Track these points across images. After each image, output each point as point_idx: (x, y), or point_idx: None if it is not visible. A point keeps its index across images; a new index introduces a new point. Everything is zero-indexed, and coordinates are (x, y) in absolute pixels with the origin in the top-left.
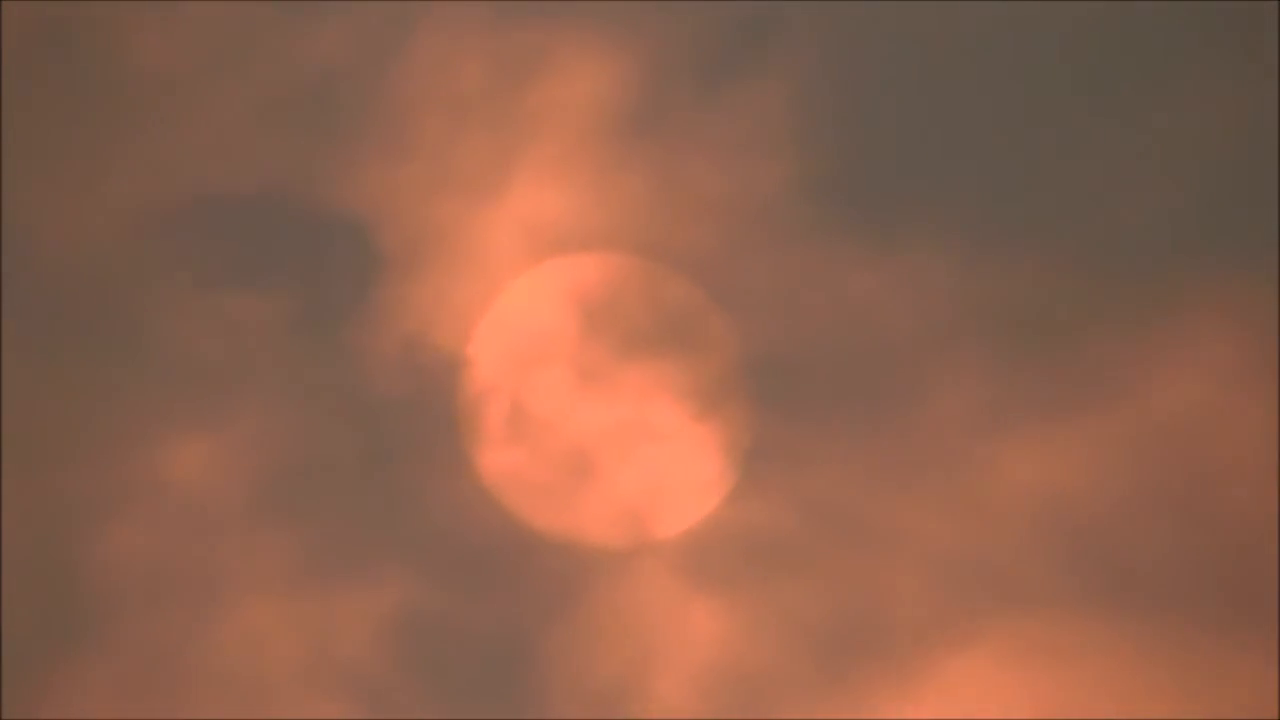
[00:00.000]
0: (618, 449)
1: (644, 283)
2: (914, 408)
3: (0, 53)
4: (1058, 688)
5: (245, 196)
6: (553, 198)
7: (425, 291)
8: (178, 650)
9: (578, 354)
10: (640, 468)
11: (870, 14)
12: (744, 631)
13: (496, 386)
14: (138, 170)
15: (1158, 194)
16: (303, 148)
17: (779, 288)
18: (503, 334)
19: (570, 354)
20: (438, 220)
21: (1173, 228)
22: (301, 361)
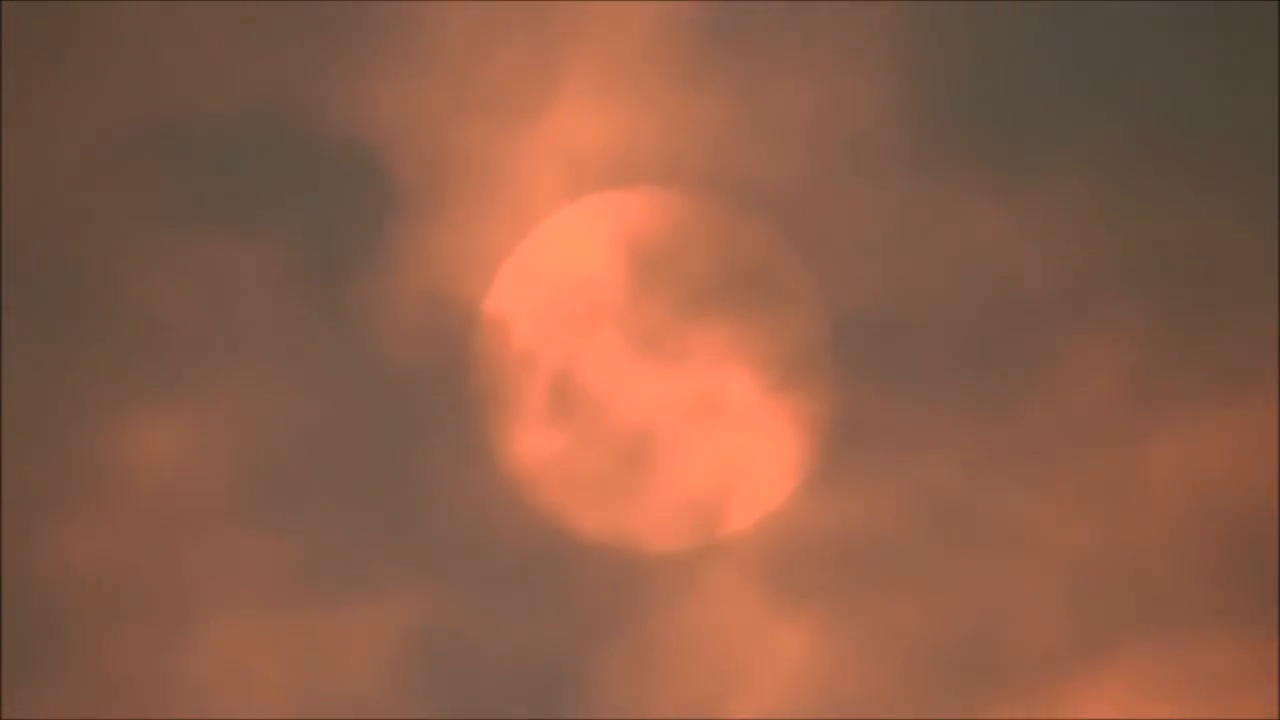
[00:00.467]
0: (680, 430)
1: (712, 225)
2: (1043, 378)
3: None
4: None
5: (229, 119)
6: (602, 121)
7: (447, 236)
8: (143, 675)
9: (631, 313)
10: (707, 453)
11: None
12: (835, 651)
13: (533, 353)
14: (97, 88)
15: None
16: (299, 60)
17: (877, 231)
18: (541, 289)
19: (622, 313)
20: (462, 149)
21: None
22: (297, 322)
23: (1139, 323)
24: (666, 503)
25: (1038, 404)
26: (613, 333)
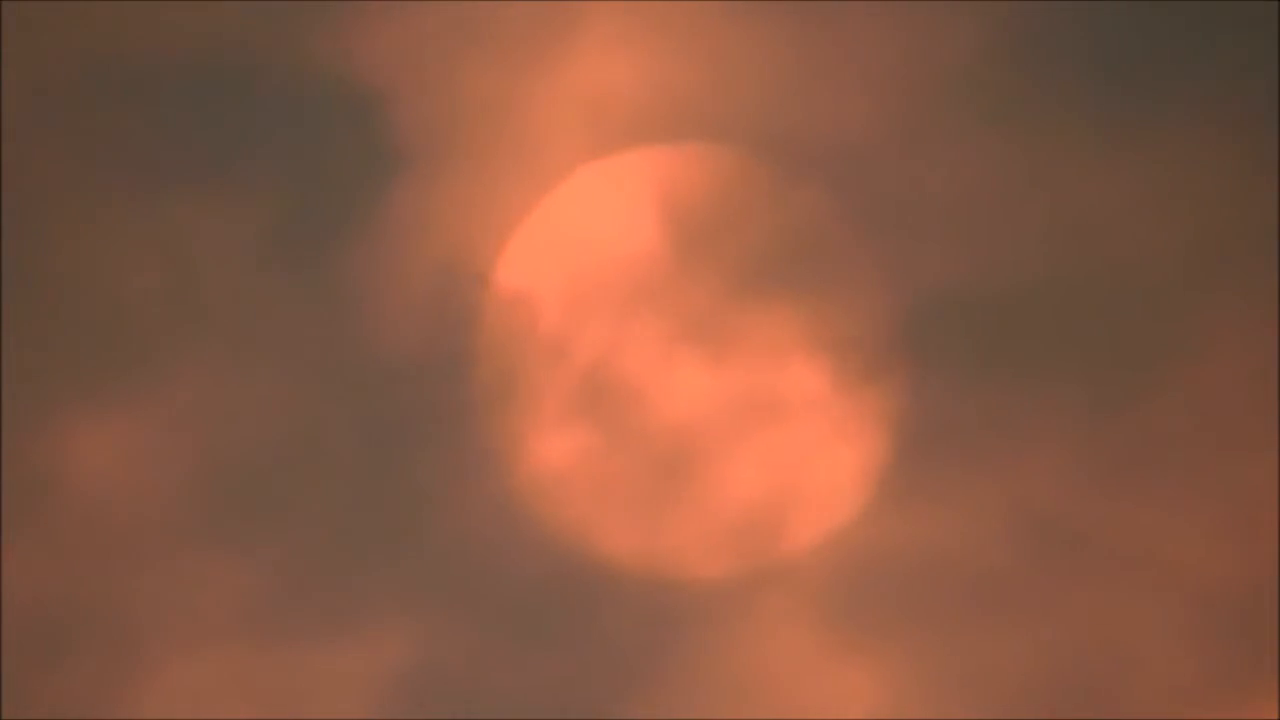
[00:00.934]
0: (729, 432)
1: (766, 187)
2: (1165, 370)
3: None
4: None
5: (192, 61)
6: (634, 64)
7: (454, 200)
8: None
9: (670, 293)
10: (762, 460)
11: None
12: (912, 695)
13: (554, 339)
14: (33, 23)
15: None
16: None
17: (965, 196)
18: (563, 263)
19: (660, 293)
20: (472, 97)
21: None
22: (273, 302)
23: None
24: (713, 519)
25: (1159, 400)
26: (649, 316)
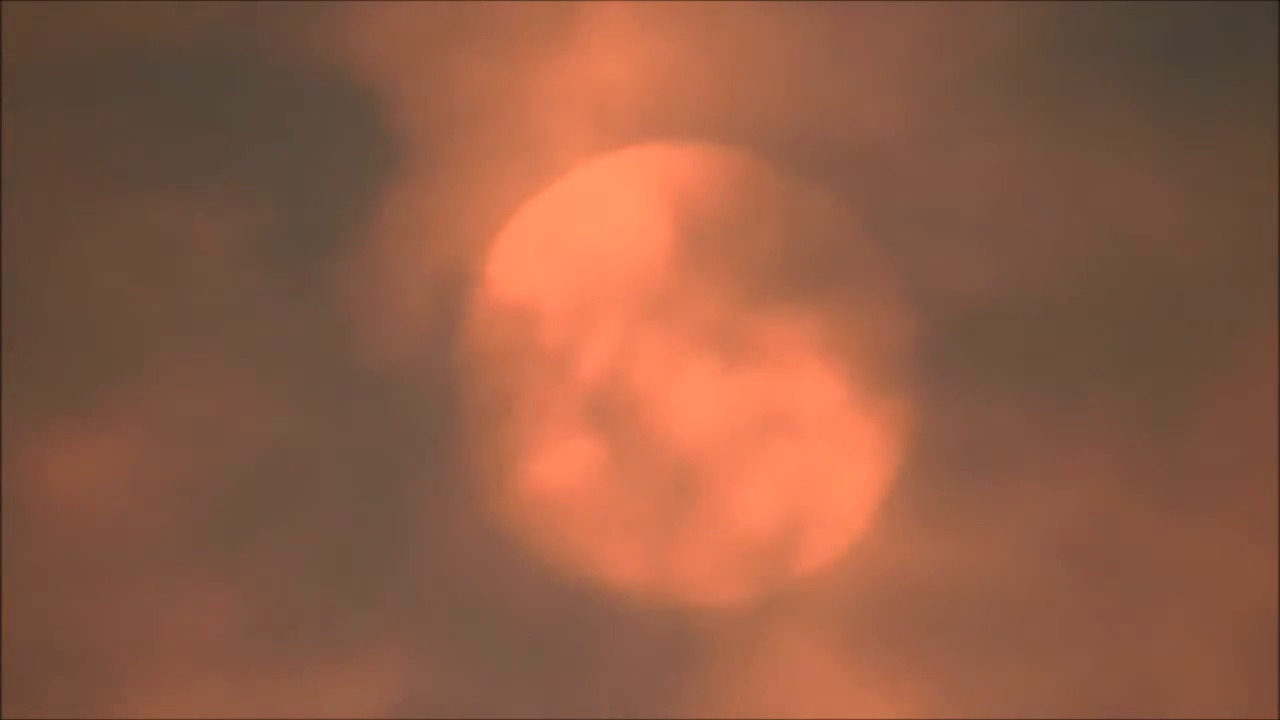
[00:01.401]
0: (741, 448)
1: (777, 191)
2: (1209, 383)
3: None
4: None
5: (181, 54)
6: (636, 61)
7: (451, 200)
8: None
9: (678, 301)
10: (775, 478)
11: None
12: None
13: (556, 350)
14: (31, 17)
15: None
16: None
17: (989, 199)
18: (566, 269)
19: (666, 301)
20: (472, 94)
21: None
22: (263, 310)
23: None
24: (724, 543)
25: (1197, 416)
26: (655, 326)
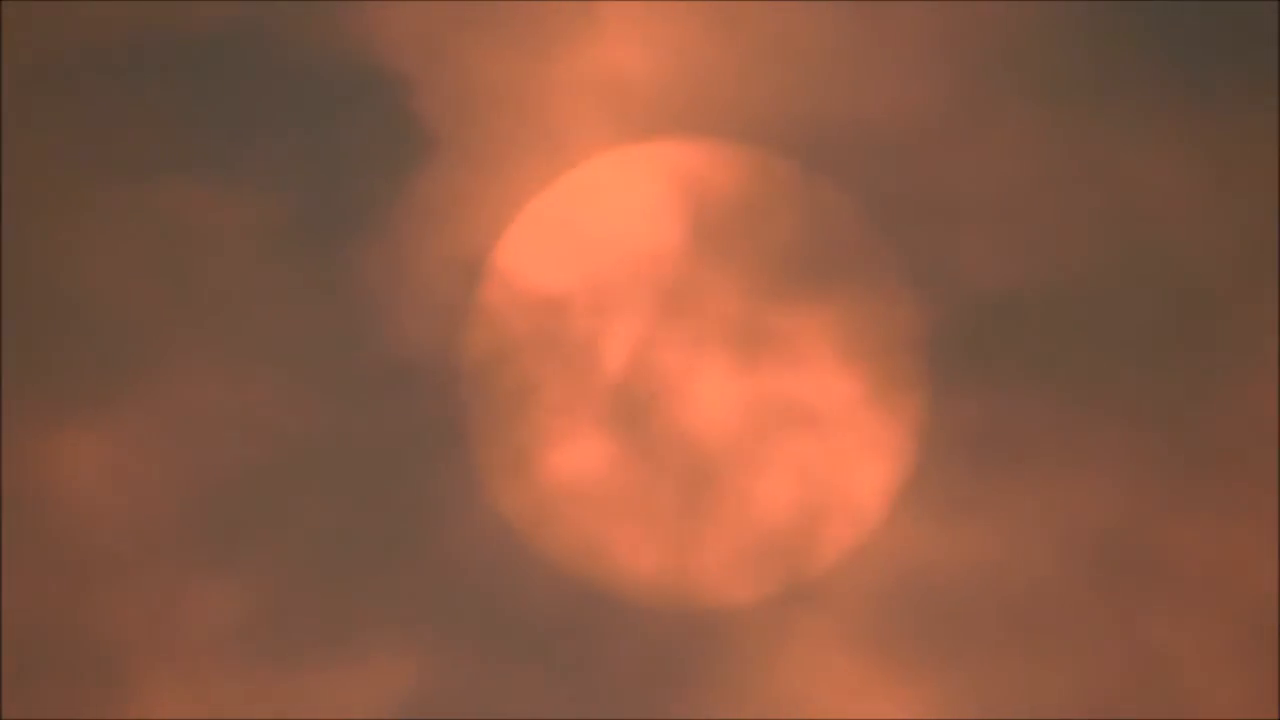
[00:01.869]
0: (758, 443)
1: (793, 183)
2: (1231, 377)
3: None
4: None
5: (202, 40)
6: (654, 54)
7: (471, 190)
8: None
9: (694, 296)
10: (793, 473)
11: None
12: None
13: (573, 344)
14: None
15: None
16: None
17: (1007, 191)
18: (580, 261)
19: (682, 296)
20: (492, 84)
21: None
22: (279, 298)
23: None
24: (740, 537)
25: (1219, 408)
26: (672, 320)
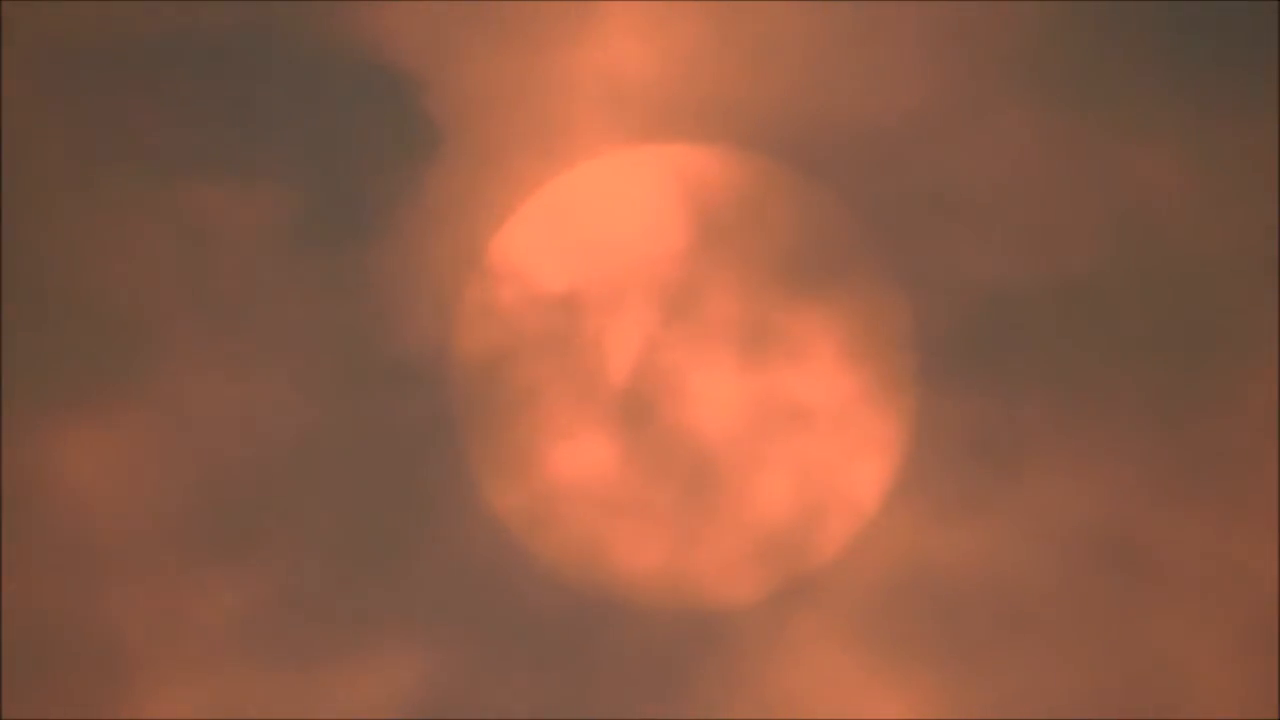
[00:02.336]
0: (754, 442)
1: (794, 186)
2: (1234, 374)
3: None
4: None
5: (216, 39)
6: (657, 54)
7: (471, 189)
8: None
9: (693, 295)
10: (790, 472)
11: None
12: None
13: (573, 341)
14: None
15: None
16: None
17: (1008, 190)
18: (582, 261)
19: (682, 295)
20: (494, 84)
21: None
22: (289, 294)
23: None
24: (740, 535)
25: (1218, 406)
26: (672, 320)
